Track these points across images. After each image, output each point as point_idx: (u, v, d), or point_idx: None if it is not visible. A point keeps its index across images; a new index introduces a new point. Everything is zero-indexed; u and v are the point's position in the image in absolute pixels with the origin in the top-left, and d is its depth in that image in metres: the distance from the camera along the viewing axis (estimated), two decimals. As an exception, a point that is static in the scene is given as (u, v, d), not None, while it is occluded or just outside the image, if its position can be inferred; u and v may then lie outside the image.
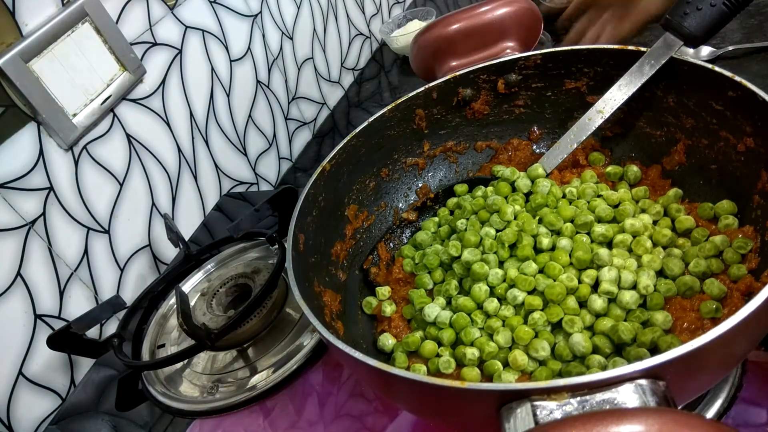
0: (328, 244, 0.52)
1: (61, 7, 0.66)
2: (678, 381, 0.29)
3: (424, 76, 0.62)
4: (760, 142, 0.42)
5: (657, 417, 0.24)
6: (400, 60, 1.17)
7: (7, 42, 0.62)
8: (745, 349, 0.34)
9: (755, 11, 0.83)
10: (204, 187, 0.88)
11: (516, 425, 0.29)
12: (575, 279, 0.45)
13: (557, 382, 0.28)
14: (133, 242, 0.77)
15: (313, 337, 0.60)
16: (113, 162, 0.74)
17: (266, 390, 0.57)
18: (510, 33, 0.58)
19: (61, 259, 0.68)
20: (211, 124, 0.88)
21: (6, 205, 0.63)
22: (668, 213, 0.49)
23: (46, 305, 0.67)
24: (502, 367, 0.43)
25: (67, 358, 0.69)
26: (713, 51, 0.78)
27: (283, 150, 1.02)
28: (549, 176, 0.55)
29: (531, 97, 0.57)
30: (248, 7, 0.92)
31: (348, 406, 0.54)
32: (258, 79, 0.95)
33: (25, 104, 0.64)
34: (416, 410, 0.42)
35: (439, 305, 0.49)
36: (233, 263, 0.74)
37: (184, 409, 0.58)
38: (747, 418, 0.42)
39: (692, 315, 0.41)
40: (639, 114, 0.53)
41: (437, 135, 0.59)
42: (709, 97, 0.45)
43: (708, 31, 0.46)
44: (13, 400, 0.64)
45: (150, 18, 0.77)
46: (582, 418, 0.25)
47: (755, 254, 0.41)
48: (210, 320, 0.61)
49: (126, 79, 0.74)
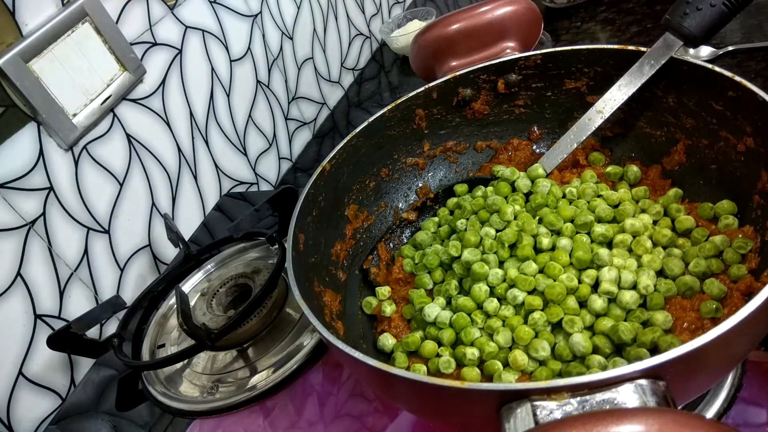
0: (328, 244, 0.52)
1: (61, 7, 0.66)
2: (678, 381, 0.29)
3: (424, 76, 0.62)
4: (760, 142, 0.42)
5: (657, 417, 0.24)
6: (400, 60, 1.17)
7: (7, 42, 0.62)
8: (745, 349, 0.34)
9: (755, 11, 0.83)
10: (204, 187, 0.88)
11: (516, 425, 0.29)
12: (575, 279, 0.45)
13: (557, 382, 0.28)
14: (133, 242, 0.77)
15: (313, 337, 0.60)
16: (113, 162, 0.74)
17: (266, 390, 0.57)
18: (510, 33, 0.58)
19: (61, 259, 0.68)
20: (211, 124, 0.88)
21: (6, 205, 0.63)
22: (668, 213, 0.49)
23: (46, 305, 0.67)
24: (502, 367, 0.43)
25: (67, 358, 0.69)
26: (713, 51, 0.78)
27: (283, 150, 1.02)
28: (549, 176, 0.55)
29: (531, 97, 0.57)
30: (248, 7, 0.92)
31: (348, 406, 0.54)
32: (258, 79, 0.95)
33: (25, 104, 0.64)
34: (416, 410, 0.42)
35: (439, 305, 0.49)
36: (233, 263, 0.74)
37: (184, 409, 0.58)
38: (747, 418, 0.42)
39: (692, 315, 0.41)
40: (639, 114, 0.53)
41: (437, 135, 0.59)
42: (709, 97, 0.45)
43: (708, 31, 0.46)
44: (13, 400, 0.64)
45: (150, 18, 0.77)
46: (582, 418, 0.25)
47: (755, 254, 0.41)
48: (210, 320, 0.61)
49: (126, 79, 0.74)
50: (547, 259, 0.47)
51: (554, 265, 0.46)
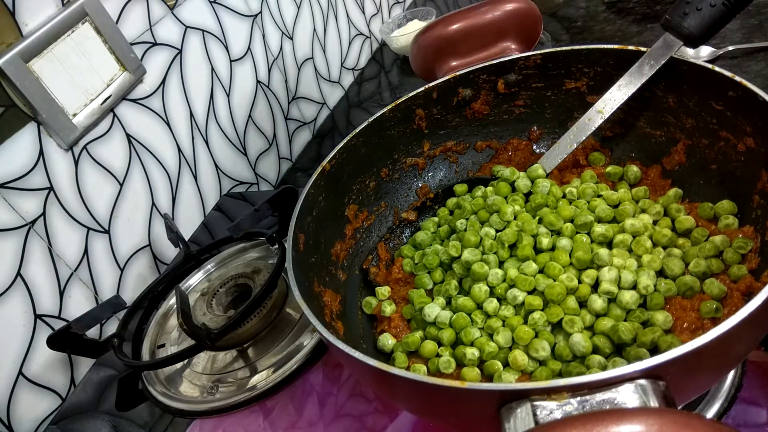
0: (328, 244, 0.52)
1: (61, 7, 0.66)
2: (678, 381, 0.29)
3: (424, 76, 0.62)
4: (760, 142, 0.42)
5: (657, 417, 0.24)
6: (400, 60, 1.17)
7: (7, 42, 0.62)
8: (745, 349, 0.34)
9: (755, 11, 0.83)
10: (204, 187, 0.88)
11: (516, 425, 0.29)
12: (575, 279, 0.45)
13: (557, 382, 0.28)
14: (133, 242, 0.77)
15: (313, 337, 0.60)
16: (113, 162, 0.74)
17: (266, 390, 0.57)
18: (510, 33, 0.58)
19: (61, 259, 0.68)
20: (211, 124, 0.88)
21: (6, 205, 0.63)
22: (668, 213, 0.49)
23: (46, 305, 0.67)
24: (502, 367, 0.43)
25: (67, 358, 0.69)
26: (713, 51, 0.78)
27: (283, 150, 1.02)
28: (549, 176, 0.55)
29: (531, 97, 0.57)
30: (248, 7, 0.92)
31: (348, 406, 0.54)
32: (258, 79, 0.95)
33: (25, 104, 0.64)
34: (416, 410, 0.42)
35: (439, 305, 0.49)
36: (233, 263, 0.74)
37: (184, 409, 0.58)
38: (747, 418, 0.42)
39: (692, 315, 0.41)
40: (639, 114, 0.53)
41: (437, 135, 0.59)
42: (710, 97, 0.45)
43: (707, 32, 0.46)
44: (13, 400, 0.64)
45: (150, 18, 0.77)
46: (582, 418, 0.25)
47: (755, 254, 0.41)
48: (210, 320, 0.61)
49: (126, 79, 0.74)
50: (547, 259, 0.47)
51: (554, 265, 0.46)
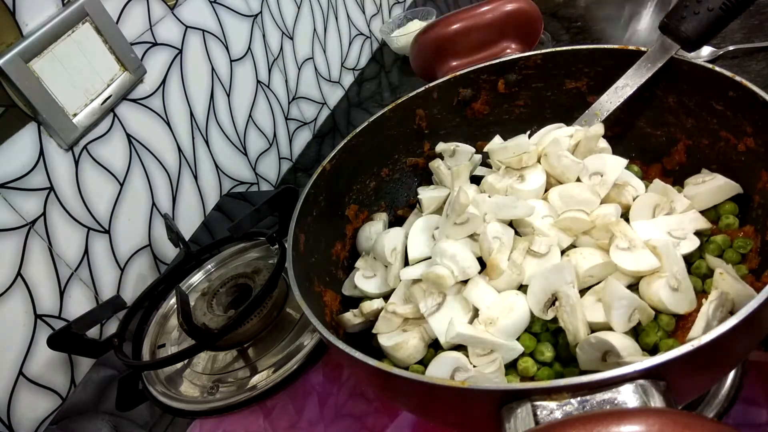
0: (329, 244, 0.52)
1: (61, 7, 0.66)
2: (678, 381, 0.29)
3: (425, 76, 0.62)
4: (760, 142, 0.42)
5: (657, 417, 0.24)
6: (400, 60, 1.17)
7: (8, 42, 0.62)
8: (745, 349, 0.34)
9: (755, 11, 0.83)
10: (204, 187, 0.88)
11: (516, 425, 0.29)
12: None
13: (558, 383, 0.28)
14: (133, 242, 0.77)
15: (313, 337, 0.60)
16: (113, 162, 0.74)
17: (266, 390, 0.57)
18: (510, 33, 0.58)
19: (61, 259, 0.68)
20: (212, 124, 0.88)
21: (6, 205, 0.63)
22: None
23: (47, 305, 0.67)
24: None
25: (67, 358, 0.69)
26: (714, 51, 0.78)
27: (284, 150, 1.02)
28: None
29: (531, 97, 0.57)
30: (248, 7, 0.92)
31: (348, 406, 0.54)
32: (258, 79, 0.95)
33: (25, 104, 0.64)
34: (416, 410, 0.42)
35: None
36: (233, 263, 0.74)
37: (184, 409, 0.58)
38: (747, 418, 0.42)
39: (693, 314, 0.41)
40: (639, 114, 0.53)
41: (437, 135, 0.59)
42: (710, 97, 0.45)
43: (705, 35, 0.46)
44: (14, 400, 0.64)
45: (150, 18, 0.77)
46: (582, 418, 0.25)
47: (755, 254, 0.41)
48: (210, 320, 0.61)
49: (126, 79, 0.74)
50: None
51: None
